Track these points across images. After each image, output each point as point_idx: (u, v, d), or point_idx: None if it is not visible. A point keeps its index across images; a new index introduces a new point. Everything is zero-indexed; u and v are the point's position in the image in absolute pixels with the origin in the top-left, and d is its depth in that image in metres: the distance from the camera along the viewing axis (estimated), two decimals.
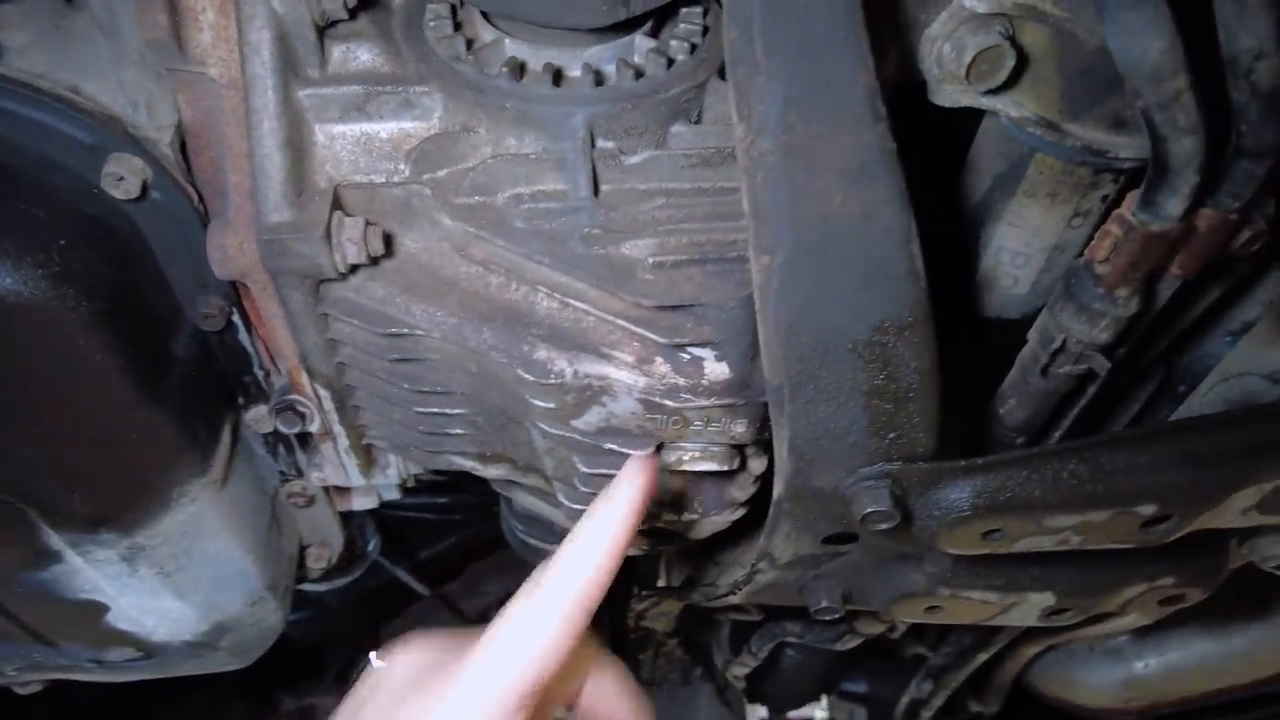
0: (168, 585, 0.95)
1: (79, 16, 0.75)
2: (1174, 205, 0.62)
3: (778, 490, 0.75)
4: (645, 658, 1.37)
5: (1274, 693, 1.32)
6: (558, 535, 1.35)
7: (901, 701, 1.37)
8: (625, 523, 0.66)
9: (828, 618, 0.86)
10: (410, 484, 1.09)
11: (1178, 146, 0.59)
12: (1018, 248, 0.78)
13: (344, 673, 1.76)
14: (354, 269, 0.78)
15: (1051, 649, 1.32)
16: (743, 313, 0.73)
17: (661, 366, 0.76)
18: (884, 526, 0.72)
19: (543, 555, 1.37)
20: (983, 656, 1.19)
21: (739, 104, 0.60)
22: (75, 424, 0.76)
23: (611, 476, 0.84)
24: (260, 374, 0.92)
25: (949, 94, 0.69)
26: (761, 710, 1.40)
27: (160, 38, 0.70)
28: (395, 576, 1.78)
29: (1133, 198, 0.66)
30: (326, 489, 1.10)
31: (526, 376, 0.77)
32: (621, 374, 0.76)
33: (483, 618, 1.97)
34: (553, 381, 0.77)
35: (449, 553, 1.84)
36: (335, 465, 0.99)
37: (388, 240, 0.78)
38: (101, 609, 0.97)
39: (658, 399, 0.76)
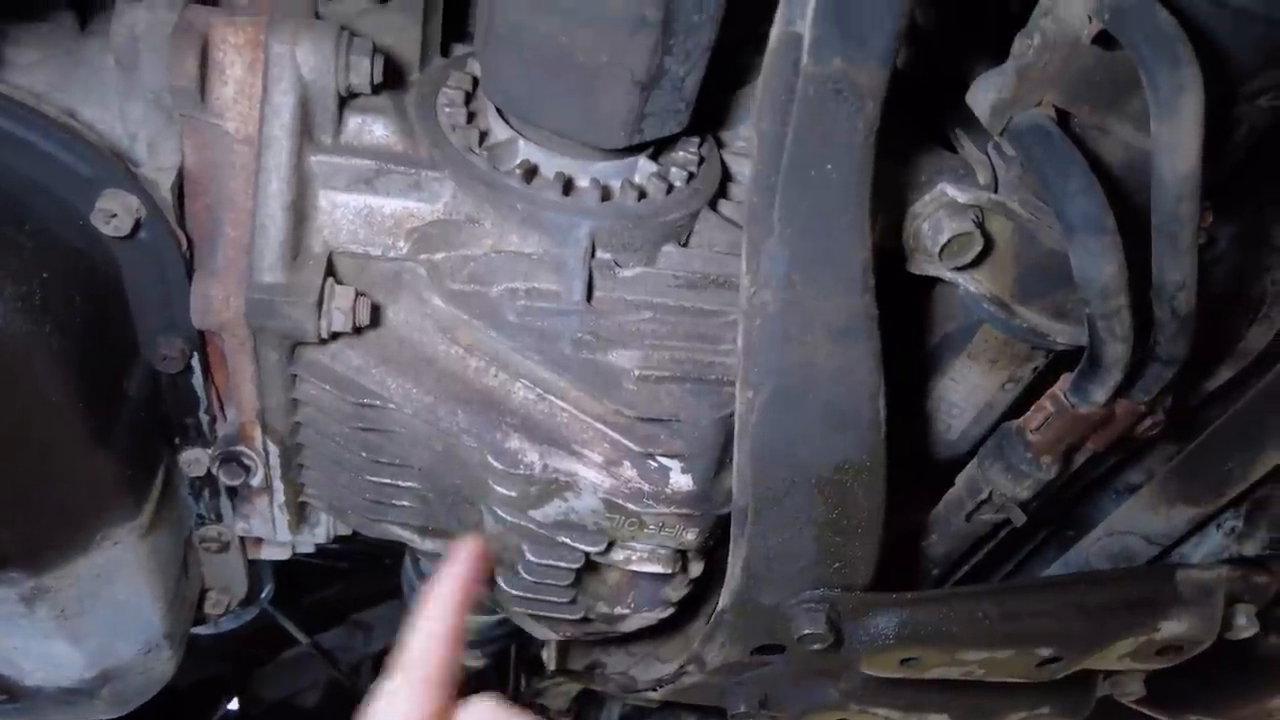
0: (63, 629, 0.89)
1: (92, 43, 0.74)
2: (1100, 394, 0.72)
3: (724, 602, 0.79)
4: None
5: None
6: None
7: None
8: (459, 605, 0.68)
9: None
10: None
11: (1112, 349, 0.69)
12: (955, 400, 0.87)
13: (207, 713, 1.66)
14: (335, 335, 0.78)
15: None
16: (713, 432, 0.78)
17: (629, 471, 0.79)
18: (817, 647, 0.77)
19: None
20: None
21: (749, 258, 0.66)
22: (15, 458, 0.72)
23: (558, 569, 0.86)
24: (205, 419, 0.89)
25: (920, 264, 0.77)
26: None
27: (185, 86, 0.70)
28: (270, 621, 1.71)
29: (1065, 380, 0.75)
30: (243, 537, 1.06)
31: (495, 464, 0.79)
32: (590, 473, 0.79)
33: (355, 670, 1.90)
34: (521, 472, 0.79)
35: (331, 600, 1.78)
36: (264, 519, 0.96)
37: (375, 312, 0.79)
38: None
39: (620, 500, 0.80)
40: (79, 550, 0.83)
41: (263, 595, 1.38)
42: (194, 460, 0.91)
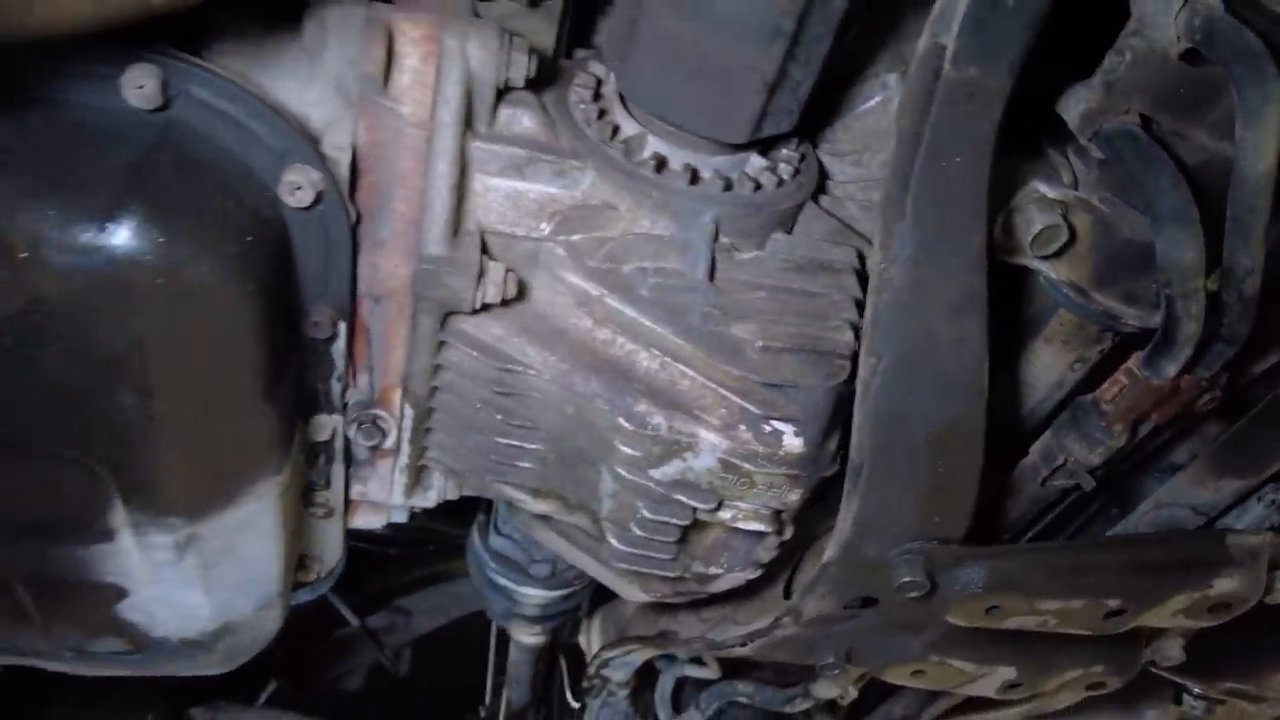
0: (202, 579, 0.95)
1: (285, 29, 0.81)
2: (1171, 368, 0.82)
3: (830, 554, 0.87)
4: (594, 704, 1.43)
5: None
6: (527, 578, 1.42)
7: None
8: None
9: (832, 673, 0.98)
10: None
11: (1186, 327, 0.78)
12: (1028, 378, 0.97)
13: (254, 692, 1.71)
14: (485, 307, 0.86)
15: None
16: (825, 399, 0.86)
17: (745, 433, 0.88)
18: (914, 594, 0.86)
19: (507, 594, 1.43)
20: None
21: (882, 237, 0.75)
22: (201, 409, 0.79)
23: (668, 526, 0.94)
24: (337, 386, 0.96)
25: (1011, 254, 0.87)
26: None
27: (373, 72, 0.78)
28: (322, 601, 1.76)
29: (1137, 357, 0.85)
30: (345, 505, 1.13)
31: (625, 425, 0.87)
32: (709, 434, 0.88)
33: (396, 654, 1.95)
34: (648, 432, 0.87)
35: (381, 585, 1.83)
36: (383, 481, 1.03)
37: (520, 287, 0.87)
38: (118, 596, 0.96)
39: (736, 460, 0.88)
40: (230, 501, 0.89)
41: (336, 570, 1.43)
42: (321, 425, 0.98)
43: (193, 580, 0.94)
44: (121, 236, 0.67)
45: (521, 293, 0.88)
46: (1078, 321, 0.91)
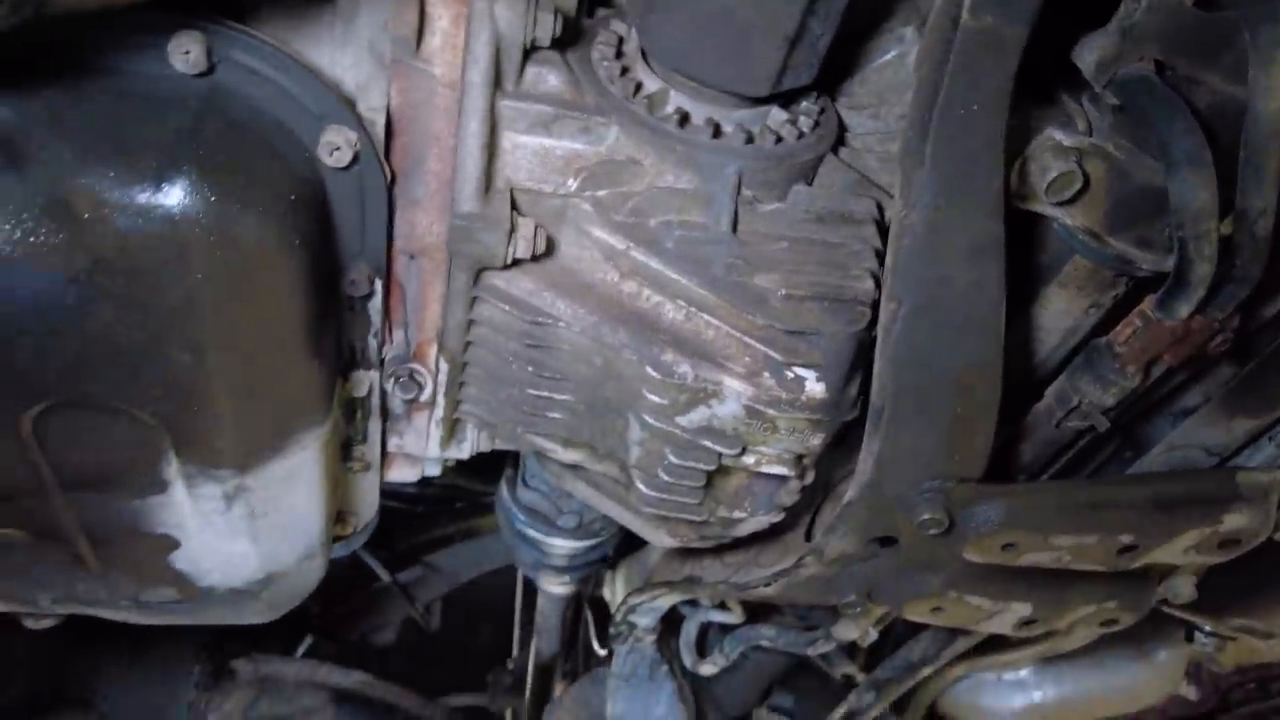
0: (249, 529, 1.00)
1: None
2: (1184, 309, 0.84)
3: (851, 494, 0.91)
4: (621, 650, 1.48)
5: None
6: (555, 529, 1.47)
7: (837, 712, 1.54)
8: None
9: (853, 612, 1.03)
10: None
11: (1199, 268, 0.81)
12: (1042, 323, 0.99)
13: (291, 645, 1.77)
14: (516, 262, 0.89)
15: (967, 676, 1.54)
16: (848, 345, 0.89)
17: (769, 380, 0.91)
18: (933, 531, 0.89)
19: (535, 545, 1.48)
20: (926, 671, 1.39)
21: (901, 185, 0.77)
22: (249, 363, 0.83)
23: (694, 471, 0.98)
24: (374, 342, 1.00)
25: (1026, 200, 0.89)
26: None
27: (405, 35, 0.80)
28: (353, 558, 1.82)
29: (1151, 300, 0.87)
30: (382, 459, 1.17)
31: (653, 374, 0.90)
32: (734, 382, 0.91)
33: (427, 609, 2.01)
34: (675, 381, 0.91)
35: (411, 542, 1.89)
36: (419, 434, 1.07)
37: (549, 242, 0.90)
38: (170, 546, 1.01)
39: (760, 406, 0.91)
40: (277, 452, 0.93)
41: (370, 526, 1.48)
42: (360, 381, 1.01)
43: (240, 530, 0.99)
44: (175, 197, 0.70)
45: (550, 248, 0.90)
46: (1092, 267, 0.94)
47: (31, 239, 0.69)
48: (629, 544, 1.60)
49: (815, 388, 0.91)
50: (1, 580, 1.05)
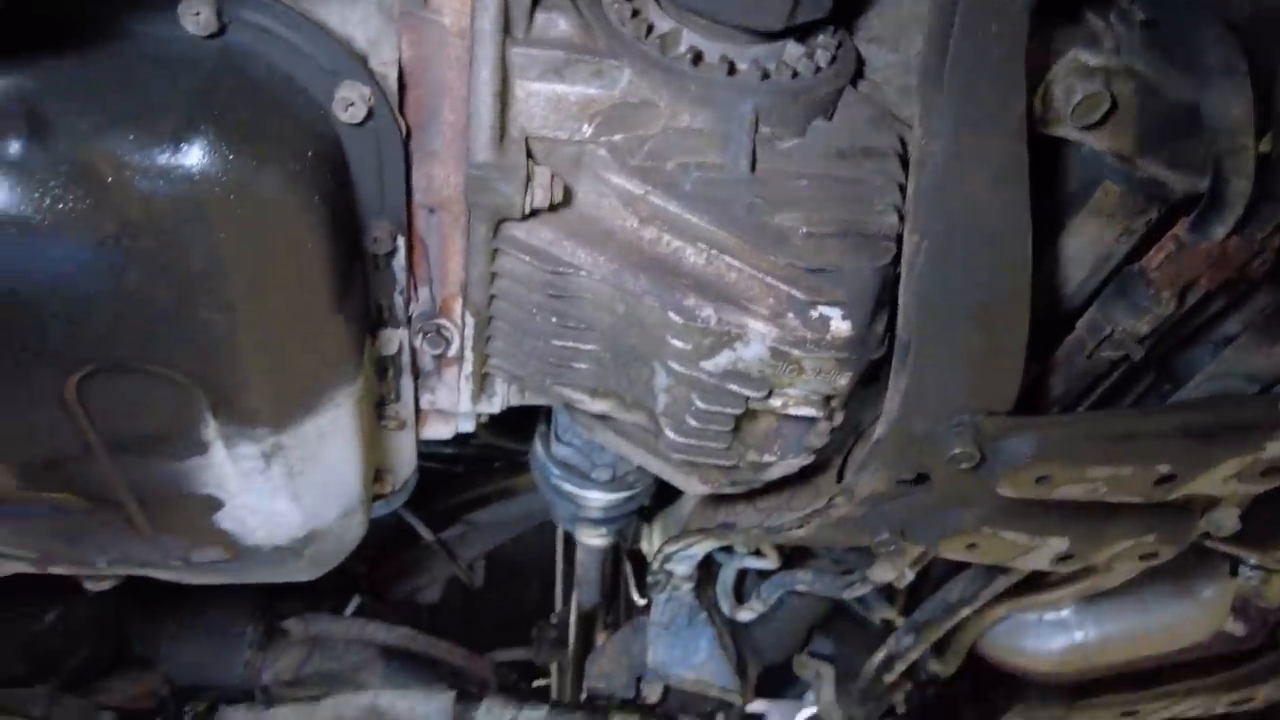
0: (289, 487, 1.02)
1: None
2: (1220, 229, 0.82)
3: (880, 431, 0.90)
4: (660, 599, 1.51)
5: (1183, 662, 1.58)
6: (590, 482, 1.48)
7: (877, 656, 1.55)
8: None
9: (888, 550, 1.02)
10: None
11: (1235, 185, 0.78)
12: (1072, 254, 0.97)
13: (339, 605, 1.83)
14: (534, 212, 0.89)
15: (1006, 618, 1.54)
16: (872, 281, 0.88)
17: (793, 320, 0.90)
18: (964, 466, 0.88)
19: (571, 499, 1.49)
20: (965, 612, 1.39)
21: (922, 113, 0.76)
22: (277, 322, 0.84)
23: (722, 415, 0.98)
24: (400, 300, 1.01)
25: (1051, 125, 0.86)
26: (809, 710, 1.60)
27: None
28: (397, 519, 1.86)
29: (1184, 222, 0.85)
30: (416, 416, 1.19)
31: (675, 319, 0.90)
32: (758, 324, 0.90)
33: (469, 567, 2.05)
34: (698, 325, 0.90)
35: (452, 502, 1.93)
36: (450, 389, 1.09)
37: (566, 191, 0.90)
38: (214, 506, 1.04)
39: (785, 347, 0.91)
40: (311, 410, 0.95)
41: (409, 485, 1.51)
42: (389, 340, 1.03)
43: (280, 489, 1.01)
44: (194, 157, 0.71)
45: (568, 197, 0.90)
46: (1122, 192, 0.91)
47: (60, 205, 0.71)
48: (664, 497, 1.61)
49: (840, 326, 0.90)
50: (61, 544, 1.10)
